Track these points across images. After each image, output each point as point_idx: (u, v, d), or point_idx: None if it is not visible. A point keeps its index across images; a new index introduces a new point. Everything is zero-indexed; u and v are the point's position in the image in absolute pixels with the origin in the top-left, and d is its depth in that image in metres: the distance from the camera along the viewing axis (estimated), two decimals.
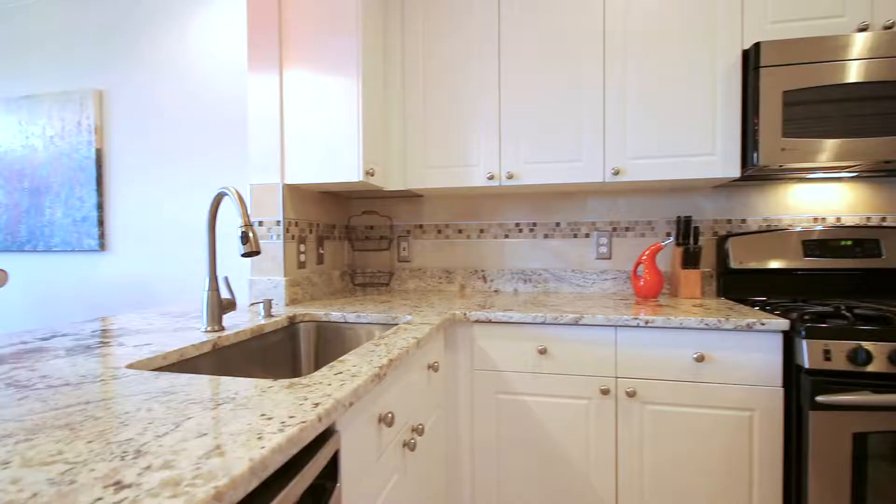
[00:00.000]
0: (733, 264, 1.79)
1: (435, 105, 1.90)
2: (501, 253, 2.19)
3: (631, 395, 1.44)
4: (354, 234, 2.38)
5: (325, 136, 1.72)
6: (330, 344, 1.59)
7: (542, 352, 1.50)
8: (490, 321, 1.55)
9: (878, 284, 1.71)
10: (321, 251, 2.05)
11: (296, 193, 1.85)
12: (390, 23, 1.93)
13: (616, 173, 1.72)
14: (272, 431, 0.57)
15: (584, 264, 2.09)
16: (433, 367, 1.33)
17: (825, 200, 1.86)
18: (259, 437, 0.55)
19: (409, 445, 1.07)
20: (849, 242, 1.71)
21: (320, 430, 0.64)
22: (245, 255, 1.07)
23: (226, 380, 0.79)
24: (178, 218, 2.44)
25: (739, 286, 1.83)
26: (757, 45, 1.53)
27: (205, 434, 0.56)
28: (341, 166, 1.71)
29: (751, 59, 1.57)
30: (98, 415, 0.63)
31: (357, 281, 2.35)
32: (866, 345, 1.23)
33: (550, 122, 1.79)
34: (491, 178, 1.84)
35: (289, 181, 1.76)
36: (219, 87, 2.35)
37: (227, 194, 1.15)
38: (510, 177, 1.83)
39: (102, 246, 2.54)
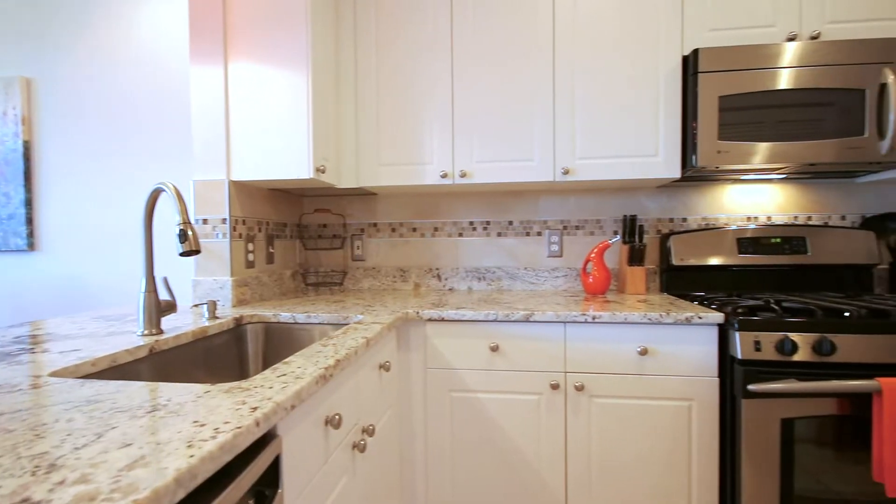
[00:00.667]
0: (675, 261, 1.88)
1: (388, 102, 1.88)
2: (456, 251, 2.20)
3: (579, 389, 1.48)
4: (307, 232, 2.33)
5: (273, 131, 1.66)
6: (279, 346, 1.54)
7: (495, 349, 1.52)
8: (443, 319, 1.56)
9: (804, 279, 1.84)
10: (271, 250, 1.99)
11: (243, 190, 1.78)
12: (342, 16, 1.89)
13: (566, 173, 1.77)
14: (203, 439, 0.54)
15: (537, 262, 2.13)
16: (385, 367, 1.32)
17: (757, 201, 1.98)
18: (189, 446, 0.52)
19: (359, 447, 1.05)
20: (778, 240, 1.83)
21: (258, 434, 0.62)
22: (183, 254, 1.02)
23: (159, 386, 0.75)
24: (117, 215, 2.30)
25: (681, 282, 1.92)
26: (696, 52, 1.61)
27: (129, 444, 0.53)
28: (291, 163, 1.66)
29: (690, 65, 1.64)
30: (11, 427, 0.58)
31: (309, 280, 2.30)
32: (792, 336, 1.32)
33: (503, 121, 1.81)
34: (444, 176, 1.85)
35: (235, 178, 1.70)
36: (161, 79, 2.24)
37: (164, 190, 1.09)
38: (463, 175, 1.84)
39: (32, 245, 2.36)
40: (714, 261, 1.86)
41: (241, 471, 0.59)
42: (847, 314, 1.35)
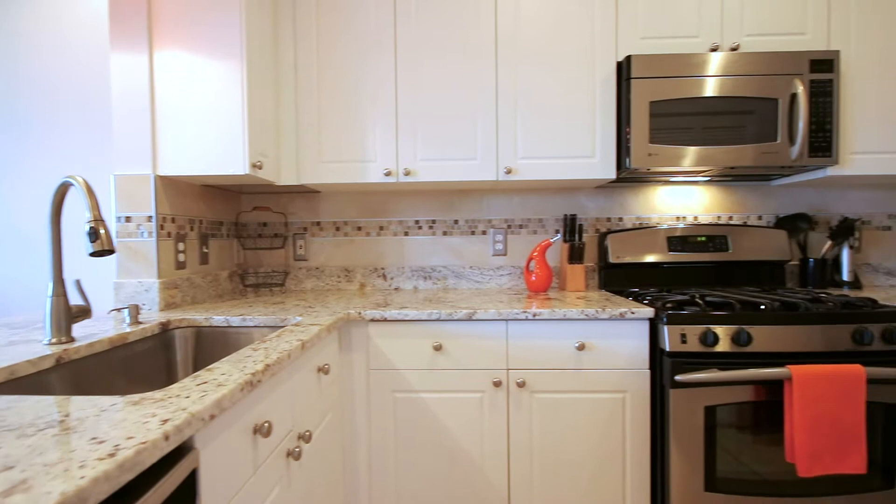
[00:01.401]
0: (612, 259, 1.95)
1: (330, 98, 1.83)
2: (402, 250, 2.18)
3: (521, 385, 1.50)
4: (245, 231, 2.23)
5: (205, 124, 1.58)
6: (212, 351, 1.46)
7: (438, 348, 1.52)
8: (385, 320, 1.54)
9: (726, 275, 1.97)
10: (205, 250, 1.89)
11: (172, 186, 1.68)
12: (281, 8, 1.82)
13: (509, 172, 1.79)
14: (100, 457, 0.50)
15: (482, 261, 2.15)
16: (324, 370, 1.28)
17: (685, 202, 2.09)
18: (81, 466, 0.48)
19: (294, 455, 1.02)
20: (703, 238, 1.94)
21: (168, 449, 0.57)
22: (94, 254, 0.94)
23: (61, 400, 0.68)
24: (27, 214, 2.10)
25: (618, 279, 2.00)
26: (628, 59, 1.67)
27: (11, 467, 0.48)
28: (224, 158, 1.58)
29: (623, 71, 1.71)
30: None
31: (248, 282, 2.20)
32: (714, 328, 1.41)
33: (447, 120, 1.81)
34: (388, 174, 1.82)
35: (163, 172, 1.59)
36: (78, 67, 2.06)
37: (72, 184, 1.00)
38: (407, 173, 1.82)
39: None
40: (647, 258, 1.95)
41: (147, 490, 0.55)
42: (762, 307, 1.45)
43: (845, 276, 1.91)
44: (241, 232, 2.22)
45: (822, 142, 1.65)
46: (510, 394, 1.52)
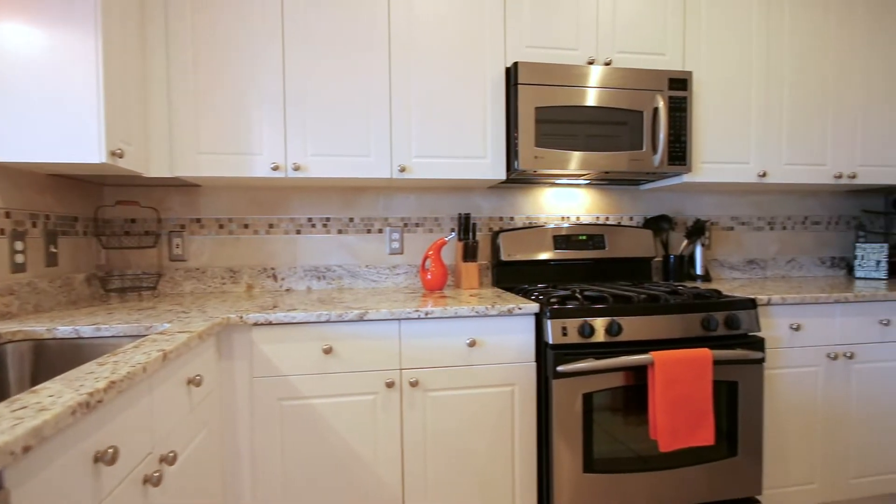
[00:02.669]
0: (504, 257, 2.03)
1: (209, 83, 1.67)
2: (294, 249, 2.07)
3: (414, 384, 1.50)
4: (109, 228, 1.97)
5: (50, 103, 1.35)
6: (57, 369, 1.26)
7: (328, 351, 1.46)
8: (271, 323, 1.44)
9: (603, 271, 2.15)
10: (53, 250, 1.63)
11: (7, 175, 1.42)
12: None
13: (403, 170, 1.78)
14: None
15: (378, 260, 2.12)
16: (195, 382, 1.16)
17: (569, 203, 2.25)
18: None
19: (153, 481, 0.91)
20: (584, 237, 2.10)
21: None
22: None
23: None
24: None
25: (510, 276, 2.08)
26: (516, 65, 1.75)
27: None
28: (74, 144, 1.37)
29: (512, 76, 1.78)
30: None
31: (112, 286, 1.94)
32: (590, 320, 1.52)
33: (340, 115, 1.74)
34: (276, 168, 1.71)
35: None
36: None
37: None
38: (297, 169, 1.73)
39: None
40: (536, 256, 2.06)
41: None
42: (631, 300, 1.60)
43: (698, 271, 2.18)
44: (103, 229, 1.95)
45: (679, 151, 1.86)
46: (404, 394, 1.51)
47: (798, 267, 2.46)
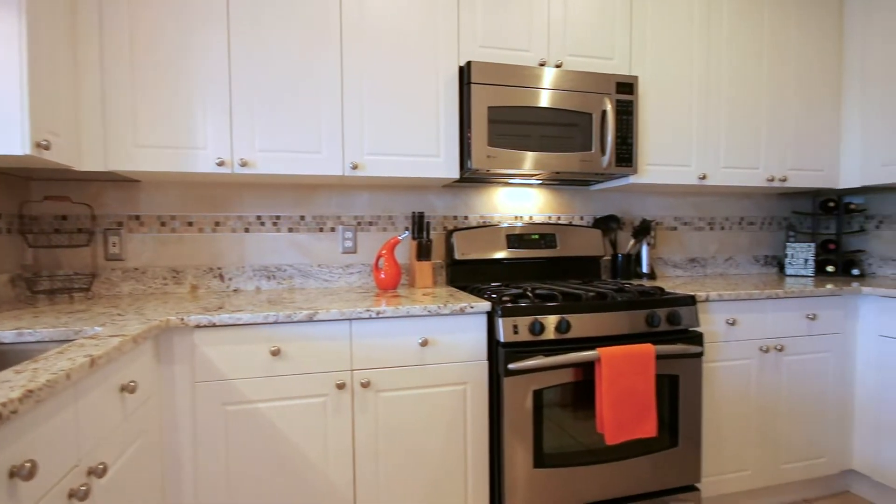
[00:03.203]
0: (458, 255, 2.04)
1: (147, 69, 1.59)
2: (242, 248, 2.00)
3: (365, 385, 1.48)
4: (37, 225, 1.83)
5: None
6: None
7: (276, 353, 1.42)
8: (214, 325, 1.38)
9: (555, 269, 2.19)
10: None
11: None
12: None
13: (355, 168, 1.75)
14: None
15: (331, 259, 2.08)
16: (128, 389, 1.10)
17: (522, 203, 2.28)
18: None
19: (79, 495, 0.85)
20: (536, 236, 2.14)
21: None
22: None
23: None
24: None
25: (464, 274, 2.09)
26: (469, 64, 1.76)
27: None
28: None
29: (465, 75, 1.79)
30: None
31: (40, 287, 1.81)
32: (540, 318, 1.55)
33: (289, 109, 1.70)
34: (221, 164, 1.65)
35: None
36: None
37: None
38: (244, 164, 1.67)
39: None
40: (490, 255, 2.08)
41: None
42: (580, 297, 1.64)
43: (644, 269, 2.27)
44: (29, 227, 1.82)
45: (626, 154, 1.92)
46: (355, 395, 1.49)
47: (735, 265, 2.61)
